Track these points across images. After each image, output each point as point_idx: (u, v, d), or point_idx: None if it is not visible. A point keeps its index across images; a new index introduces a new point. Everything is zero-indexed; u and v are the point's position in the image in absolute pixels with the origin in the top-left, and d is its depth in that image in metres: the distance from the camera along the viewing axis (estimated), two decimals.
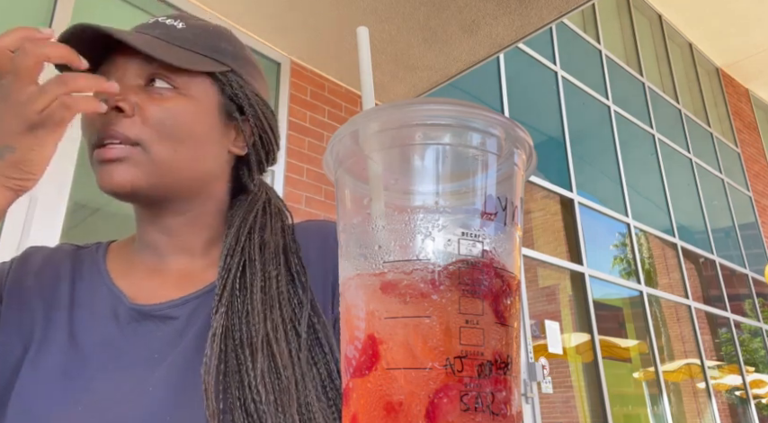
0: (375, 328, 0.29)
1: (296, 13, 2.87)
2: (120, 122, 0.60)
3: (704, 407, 6.39)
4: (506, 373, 0.29)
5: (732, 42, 9.05)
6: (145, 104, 0.61)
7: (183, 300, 0.63)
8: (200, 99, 0.65)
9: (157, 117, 0.61)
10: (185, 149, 0.63)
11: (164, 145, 0.61)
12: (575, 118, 5.73)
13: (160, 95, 0.62)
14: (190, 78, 0.64)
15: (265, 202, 0.72)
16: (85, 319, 0.62)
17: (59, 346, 0.60)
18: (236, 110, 0.68)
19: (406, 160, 0.31)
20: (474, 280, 0.29)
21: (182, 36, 0.64)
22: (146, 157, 0.60)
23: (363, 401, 0.28)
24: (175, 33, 0.64)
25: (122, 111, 0.60)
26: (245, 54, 0.71)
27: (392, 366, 0.28)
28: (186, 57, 0.63)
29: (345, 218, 0.33)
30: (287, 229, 0.70)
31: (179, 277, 0.66)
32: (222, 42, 0.68)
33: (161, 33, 0.64)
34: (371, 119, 0.31)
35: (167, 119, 0.61)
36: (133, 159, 0.60)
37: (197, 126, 0.64)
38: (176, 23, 0.66)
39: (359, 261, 0.31)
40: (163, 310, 0.62)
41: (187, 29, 0.66)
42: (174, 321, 0.61)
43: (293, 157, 3.11)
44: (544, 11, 2.82)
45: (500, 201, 0.30)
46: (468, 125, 0.30)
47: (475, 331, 0.28)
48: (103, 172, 0.60)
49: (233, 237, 0.65)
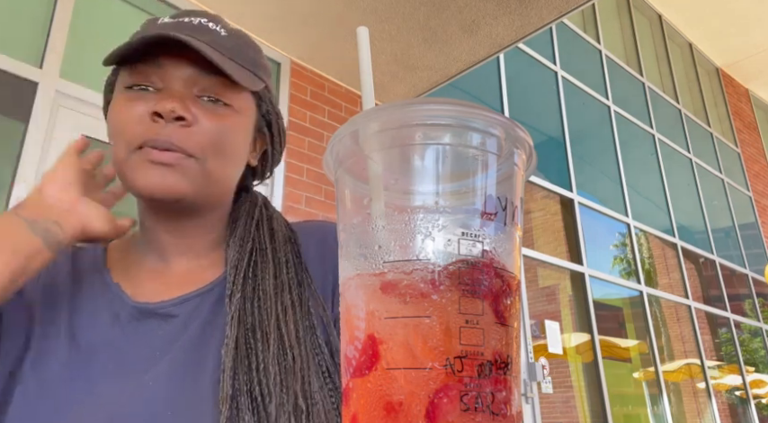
0: (375, 328, 0.29)
1: (296, 13, 2.87)
2: (179, 132, 0.59)
3: (704, 407, 6.39)
4: (506, 373, 0.29)
5: (732, 42, 9.05)
6: (203, 117, 0.61)
7: (183, 298, 0.63)
8: (247, 117, 0.66)
9: (216, 133, 0.61)
10: (231, 165, 0.65)
11: (217, 161, 0.62)
12: (575, 118, 5.73)
13: (218, 110, 0.62)
14: (240, 95, 0.64)
15: (264, 199, 0.75)
16: (86, 319, 0.62)
17: (61, 348, 0.60)
18: (266, 125, 0.71)
19: (406, 160, 0.31)
20: (474, 280, 0.29)
21: (229, 46, 0.63)
22: (198, 169, 0.61)
23: (363, 401, 0.28)
24: (222, 42, 0.63)
25: (184, 119, 0.59)
26: (268, 64, 0.72)
27: (392, 366, 0.28)
28: (242, 73, 0.63)
29: (345, 218, 0.33)
30: (287, 223, 0.73)
31: (180, 277, 0.67)
32: (257, 55, 0.68)
33: (211, 41, 0.62)
34: (371, 119, 0.31)
35: (225, 136, 0.62)
36: (186, 168, 0.60)
37: (243, 144, 0.66)
38: (218, 29, 0.64)
39: (359, 261, 0.31)
40: (164, 309, 0.62)
41: (229, 37, 0.65)
42: (174, 319, 0.62)
43: (293, 157, 3.11)
44: (544, 11, 2.82)
45: (500, 201, 0.30)
46: (468, 125, 0.30)
47: (475, 331, 0.28)
48: (154, 172, 0.59)
49: (243, 228, 0.67)
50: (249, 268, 0.64)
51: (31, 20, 2.43)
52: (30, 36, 2.40)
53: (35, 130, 2.24)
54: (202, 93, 0.62)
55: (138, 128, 0.59)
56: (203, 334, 0.60)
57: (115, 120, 0.61)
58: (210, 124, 0.61)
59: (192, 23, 0.63)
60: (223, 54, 0.62)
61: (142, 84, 0.61)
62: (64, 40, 2.44)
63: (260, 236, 0.68)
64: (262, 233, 0.68)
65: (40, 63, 2.35)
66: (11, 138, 2.23)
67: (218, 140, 0.61)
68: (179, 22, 0.63)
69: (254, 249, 0.66)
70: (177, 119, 0.59)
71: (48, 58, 2.37)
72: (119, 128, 0.61)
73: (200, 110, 0.61)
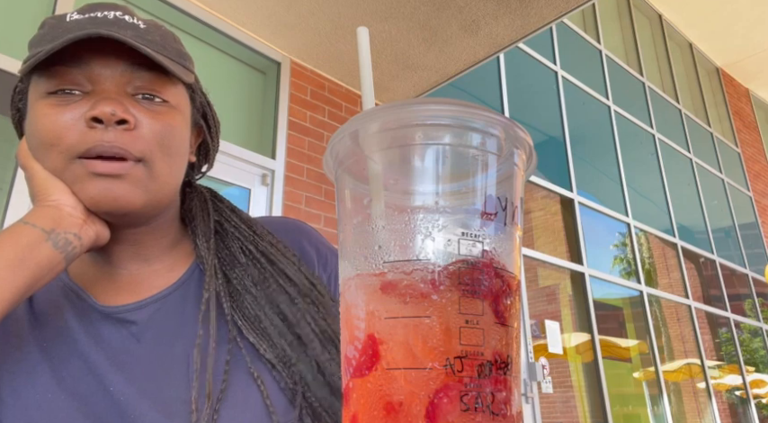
0: (375, 329, 0.29)
1: (296, 13, 2.87)
2: (123, 137, 0.55)
3: (704, 407, 6.39)
4: (506, 373, 0.29)
5: (732, 42, 9.05)
6: (143, 117, 0.57)
7: (138, 304, 0.61)
8: (184, 111, 0.63)
9: (160, 132, 0.57)
10: (177, 165, 0.61)
11: (164, 162, 0.58)
12: (575, 118, 5.73)
13: (157, 108, 0.58)
14: (174, 89, 0.61)
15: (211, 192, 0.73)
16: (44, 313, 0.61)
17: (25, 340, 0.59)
18: (201, 117, 0.68)
19: (405, 160, 0.31)
20: (474, 280, 0.29)
21: (153, 40, 0.59)
22: (147, 174, 0.57)
23: (363, 401, 0.28)
24: (145, 35, 0.59)
25: (126, 122, 0.55)
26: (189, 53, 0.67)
27: (392, 366, 0.28)
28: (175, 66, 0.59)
29: (345, 218, 0.33)
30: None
31: (131, 283, 0.64)
32: (179, 44, 0.64)
33: (135, 36, 0.57)
34: (371, 119, 0.31)
35: (169, 135, 0.58)
36: (134, 177, 0.56)
37: (185, 140, 0.62)
38: (136, 22, 0.59)
39: (359, 261, 0.31)
40: (120, 314, 0.60)
41: (149, 29, 0.60)
42: (131, 326, 0.60)
43: (293, 157, 3.11)
44: (544, 10, 2.82)
45: (500, 201, 0.30)
46: (468, 125, 0.30)
47: (475, 331, 0.28)
48: (100, 185, 0.55)
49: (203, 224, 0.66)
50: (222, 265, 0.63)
51: (31, 19, 2.42)
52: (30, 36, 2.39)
53: None
54: (137, 91, 0.58)
55: (74, 136, 0.54)
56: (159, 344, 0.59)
57: (42, 130, 0.55)
58: (153, 124, 0.57)
59: (108, 18, 0.58)
60: (150, 48, 0.57)
61: (67, 87, 0.56)
62: None
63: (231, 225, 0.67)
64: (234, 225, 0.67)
65: None
66: (11, 137, 2.23)
67: (163, 140, 0.58)
68: (93, 17, 0.57)
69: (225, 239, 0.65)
70: (119, 122, 0.54)
71: None
72: (49, 138, 0.55)
73: (140, 110, 0.57)
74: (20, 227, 0.54)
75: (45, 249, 0.53)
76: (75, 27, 0.56)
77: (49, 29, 0.58)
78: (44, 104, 0.56)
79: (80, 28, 0.55)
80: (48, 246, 0.53)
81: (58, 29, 0.57)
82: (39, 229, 0.54)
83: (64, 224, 0.54)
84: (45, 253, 0.53)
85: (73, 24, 0.57)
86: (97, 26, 0.56)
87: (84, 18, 0.57)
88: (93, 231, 0.57)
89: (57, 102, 0.55)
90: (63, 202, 0.56)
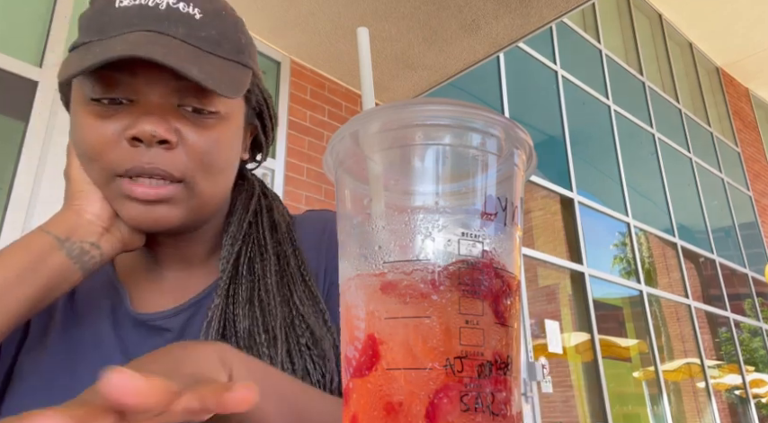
0: (375, 329, 0.29)
1: (296, 13, 2.87)
2: (163, 157, 0.52)
3: (704, 406, 6.39)
4: (506, 373, 0.29)
5: (732, 42, 9.05)
6: (188, 133, 0.53)
7: (175, 310, 0.59)
8: (235, 118, 0.58)
9: (204, 150, 0.54)
10: (223, 178, 0.58)
11: (208, 180, 0.55)
12: (575, 118, 5.73)
13: (203, 122, 0.54)
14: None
15: (261, 185, 0.70)
16: (82, 310, 0.60)
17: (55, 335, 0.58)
18: (256, 116, 0.64)
19: (406, 161, 0.31)
20: (474, 280, 0.29)
21: (208, 36, 0.54)
22: (189, 194, 0.54)
23: (363, 401, 0.28)
24: (200, 31, 0.53)
25: (167, 142, 0.51)
26: (251, 38, 0.62)
27: (392, 366, 0.28)
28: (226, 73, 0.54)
29: (345, 218, 0.33)
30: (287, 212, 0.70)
31: (175, 287, 0.63)
32: (240, 35, 0.58)
33: (186, 34, 0.52)
34: (371, 119, 0.31)
35: (214, 151, 0.54)
36: (177, 198, 0.54)
37: (233, 150, 0.58)
38: (192, 11, 0.53)
39: (359, 261, 0.31)
40: (155, 321, 0.59)
41: (206, 20, 0.54)
42: (167, 334, 0.58)
43: (293, 157, 3.11)
44: (544, 10, 2.82)
45: (500, 201, 0.30)
46: (468, 125, 0.30)
47: (475, 331, 0.28)
48: (138, 209, 0.53)
49: (236, 225, 0.62)
50: (244, 267, 0.60)
51: (31, 19, 2.42)
52: (29, 35, 2.39)
53: (35, 129, 2.24)
54: (183, 102, 0.53)
55: (116, 154, 0.51)
56: None
57: (84, 142, 0.53)
58: (198, 140, 0.53)
59: (159, 9, 0.52)
60: (202, 49, 0.53)
61: (111, 96, 0.52)
62: (64, 40, 2.43)
63: (258, 230, 0.63)
64: (261, 227, 0.64)
65: (40, 62, 2.35)
66: (11, 137, 2.23)
67: (208, 158, 0.54)
68: (143, 6, 0.52)
69: (251, 244, 0.61)
70: (160, 142, 0.51)
71: (48, 57, 2.36)
72: (90, 153, 0.52)
73: (184, 125, 0.53)
74: (35, 233, 0.52)
75: (57, 258, 0.51)
76: (122, 19, 0.52)
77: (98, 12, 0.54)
78: (87, 112, 0.53)
79: (126, 22, 0.51)
80: (61, 254, 0.51)
81: (105, 16, 0.53)
82: (52, 237, 0.52)
83: (80, 232, 0.53)
84: (57, 261, 0.51)
85: (120, 14, 0.52)
86: (146, 22, 0.51)
87: (134, 6, 0.52)
88: (117, 240, 0.55)
89: (100, 111, 0.52)
90: (85, 208, 0.54)
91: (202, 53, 0.53)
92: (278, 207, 0.68)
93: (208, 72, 0.51)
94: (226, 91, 0.52)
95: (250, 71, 0.58)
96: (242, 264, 0.60)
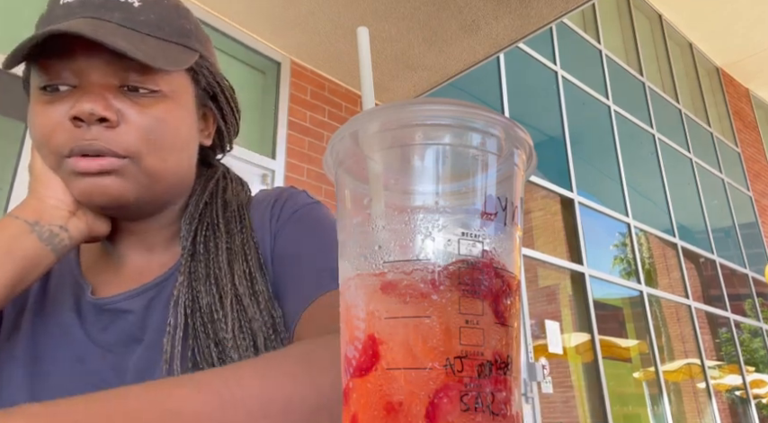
0: (375, 329, 0.29)
1: (296, 13, 2.87)
2: (105, 135, 0.53)
3: (704, 407, 6.39)
4: (506, 373, 0.29)
5: (732, 42, 9.05)
6: (129, 112, 0.55)
7: (135, 291, 0.60)
8: (181, 97, 0.59)
9: (146, 127, 0.55)
10: (173, 157, 0.59)
11: (155, 156, 0.56)
12: (575, 118, 5.73)
13: (144, 101, 0.56)
14: (169, 76, 0.57)
15: (224, 169, 0.71)
16: (51, 308, 0.62)
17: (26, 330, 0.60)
18: (209, 99, 0.65)
19: (406, 160, 0.31)
20: (474, 280, 0.29)
21: (146, 20, 0.56)
22: (136, 169, 0.55)
23: (363, 401, 0.28)
24: (138, 16, 0.56)
25: (107, 121, 0.53)
26: (200, 27, 0.63)
27: (392, 366, 0.28)
28: (165, 52, 0.56)
29: (345, 218, 0.33)
30: (247, 191, 0.70)
31: (136, 272, 0.64)
32: (184, 20, 0.60)
33: (123, 19, 0.55)
34: (371, 119, 0.31)
35: (157, 128, 0.56)
36: (123, 171, 0.55)
37: (183, 129, 0.60)
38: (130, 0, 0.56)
39: (359, 261, 0.31)
40: (116, 304, 0.60)
41: (145, 7, 0.57)
42: (128, 315, 0.59)
43: (293, 157, 3.11)
44: (544, 10, 2.82)
45: (500, 201, 0.30)
46: (468, 125, 0.30)
47: (475, 331, 0.28)
48: (88, 184, 0.54)
49: (193, 206, 0.63)
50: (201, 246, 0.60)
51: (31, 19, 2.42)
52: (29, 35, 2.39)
53: None
54: (124, 82, 0.55)
55: (61, 136, 0.54)
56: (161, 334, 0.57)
57: (34, 127, 0.55)
58: (139, 118, 0.55)
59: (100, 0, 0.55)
60: (140, 31, 0.55)
61: (55, 82, 0.54)
62: None
63: (212, 210, 0.64)
64: (215, 206, 0.64)
65: None
66: (11, 137, 2.23)
67: (151, 135, 0.55)
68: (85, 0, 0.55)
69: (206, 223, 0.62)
70: (100, 120, 0.53)
71: None
72: (40, 138, 0.55)
73: (125, 103, 0.54)
74: (4, 220, 0.54)
75: (30, 241, 0.53)
76: (64, 11, 0.55)
77: (46, 11, 0.58)
78: (37, 102, 0.56)
79: (68, 13, 0.54)
80: (33, 237, 0.53)
81: (52, 12, 0.56)
82: (22, 221, 0.54)
83: (47, 216, 0.55)
84: (30, 244, 0.53)
85: (64, 8, 0.55)
86: (85, 10, 0.54)
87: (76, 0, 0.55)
88: (83, 224, 0.57)
89: (46, 98, 0.55)
90: (48, 194, 0.56)
91: (138, 34, 0.55)
92: (234, 188, 0.69)
93: (141, 49, 0.53)
94: (159, 63, 0.53)
95: (196, 53, 0.60)
96: (199, 242, 0.61)
